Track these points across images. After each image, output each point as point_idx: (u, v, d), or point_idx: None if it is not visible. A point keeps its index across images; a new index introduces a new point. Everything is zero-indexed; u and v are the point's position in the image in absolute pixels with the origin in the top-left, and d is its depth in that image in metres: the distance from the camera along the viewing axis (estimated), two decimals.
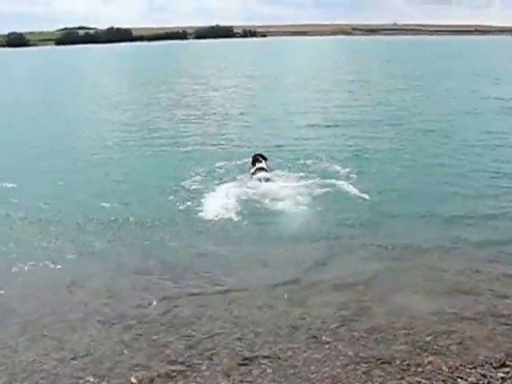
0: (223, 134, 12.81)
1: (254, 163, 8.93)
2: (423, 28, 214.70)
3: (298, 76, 29.93)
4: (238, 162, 9.65)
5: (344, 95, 20.19)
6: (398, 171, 9.14)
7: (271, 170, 8.78)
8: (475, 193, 7.83)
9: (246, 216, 6.94)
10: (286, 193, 7.67)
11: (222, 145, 11.65)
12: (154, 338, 4.32)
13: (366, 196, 7.54)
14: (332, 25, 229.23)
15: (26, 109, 19.18)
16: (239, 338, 4.27)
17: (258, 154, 9.18)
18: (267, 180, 8.31)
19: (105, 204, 7.48)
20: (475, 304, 4.72)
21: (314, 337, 4.26)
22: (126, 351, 4.14)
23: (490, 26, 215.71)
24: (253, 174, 8.62)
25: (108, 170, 9.67)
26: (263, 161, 8.93)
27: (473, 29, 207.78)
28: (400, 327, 4.37)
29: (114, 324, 4.53)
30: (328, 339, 4.22)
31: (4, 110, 19.38)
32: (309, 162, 9.50)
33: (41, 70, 45.80)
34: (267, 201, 7.44)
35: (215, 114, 16.35)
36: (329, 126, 13.44)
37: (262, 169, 8.65)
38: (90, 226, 6.74)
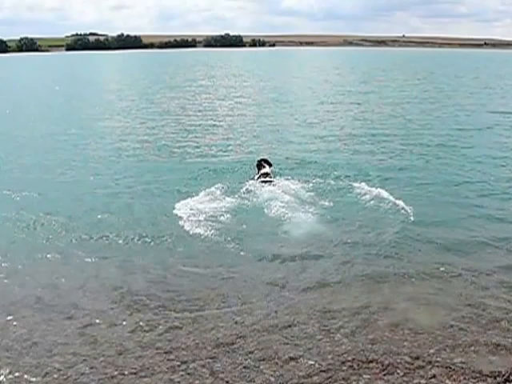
0: (230, 144, 12.76)
1: (258, 168, 8.89)
2: (432, 40, 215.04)
3: (306, 86, 30.04)
4: (243, 169, 9.68)
5: (353, 107, 20.15)
6: (408, 187, 8.83)
7: (276, 176, 8.73)
8: (486, 214, 7.56)
9: (248, 228, 6.84)
10: (290, 201, 7.63)
11: (228, 153, 11.69)
12: (156, 345, 4.35)
13: (374, 212, 7.40)
14: (341, 36, 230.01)
15: (30, 111, 19.39)
16: (242, 348, 4.28)
17: (262, 159, 9.11)
18: (270, 183, 8.29)
19: (100, 216, 7.39)
20: (480, 318, 4.71)
21: (317, 346, 4.26)
22: (127, 358, 4.17)
23: (500, 40, 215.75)
24: (257, 179, 8.58)
25: (110, 178, 9.58)
26: (267, 166, 8.87)
27: (482, 42, 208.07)
28: (404, 339, 4.36)
29: (114, 336, 4.52)
30: (331, 349, 4.22)
31: (9, 110, 19.67)
32: (315, 172, 9.44)
33: (49, 74, 46.23)
34: (270, 209, 7.35)
35: (223, 122, 16.37)
36: (337, 139, 13.29)
37: (266, 174, 8.60)
38: (86, 239, 6.59)
